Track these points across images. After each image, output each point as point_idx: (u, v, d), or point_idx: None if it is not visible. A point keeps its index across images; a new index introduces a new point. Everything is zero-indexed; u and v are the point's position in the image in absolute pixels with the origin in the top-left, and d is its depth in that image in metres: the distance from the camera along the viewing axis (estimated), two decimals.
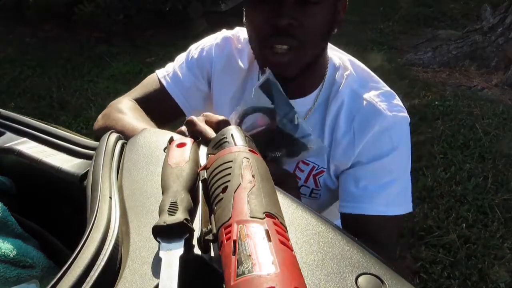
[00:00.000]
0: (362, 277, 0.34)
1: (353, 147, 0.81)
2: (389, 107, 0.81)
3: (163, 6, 3.91)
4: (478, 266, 1.73)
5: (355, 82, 0.84)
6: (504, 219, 1.96)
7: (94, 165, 0.49)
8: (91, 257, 0.34)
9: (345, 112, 0.82)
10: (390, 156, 0.80)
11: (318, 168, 0.86)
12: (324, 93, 0.85)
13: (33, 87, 3.25)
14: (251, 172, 0.36)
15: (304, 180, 0.89)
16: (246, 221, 0.31)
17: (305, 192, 0.91)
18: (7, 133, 0.63)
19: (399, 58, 3.59)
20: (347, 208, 0.82)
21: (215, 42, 0.93)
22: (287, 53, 0.74)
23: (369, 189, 0.81)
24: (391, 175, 0.81)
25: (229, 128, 0.45)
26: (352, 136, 0.81)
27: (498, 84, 3.20)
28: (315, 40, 0.76)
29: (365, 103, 0.81)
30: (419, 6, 4.62)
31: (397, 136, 0.81)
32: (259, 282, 0.25)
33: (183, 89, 0.92)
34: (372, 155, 0.81)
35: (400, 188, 0.83)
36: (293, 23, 0.71)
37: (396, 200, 0.82)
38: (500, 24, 3.46)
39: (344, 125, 0.82)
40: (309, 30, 0.73)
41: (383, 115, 0.80)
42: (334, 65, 0.86)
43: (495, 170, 2.26)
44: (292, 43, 0.73)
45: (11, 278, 0.44)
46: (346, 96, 0.82)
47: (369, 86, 0.84)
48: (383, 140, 0.80)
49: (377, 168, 0.81)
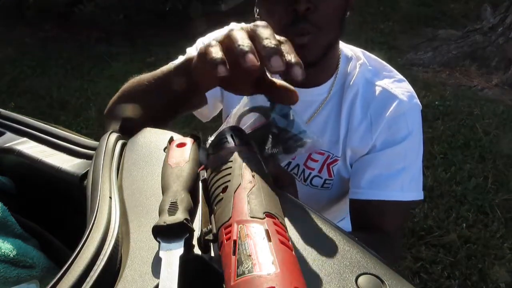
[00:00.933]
0: (362, 277, 0.34)
1: (371, 133, 0.82)
2: (403, 93, 0.82)
3: (163, 6, 3.91)
4: (478, 266, 1.73)
5: (369, 71, 0.85)
6: (504, 219, 1.96)
7: (94, 165, 0.49)
8: (91, 257, 0.34)
9: (360, 100, 0.83)
10: (405, 141, 0.81)
11: (333, 157, 0.87)
12: (338, 82, 0.86)
13: (33, 87, 3.25)
14: (251, 172, 0.36)
15: (319, 170, 0.89)
16: (246, 221, 0.31)
17: (317, 184, 0.91)
18: (7, 133, 0.63)
19: (399, 58, 3.59)
20: (361, 194, 0.82)
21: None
22: (307, 37, 0.74)
23: (384, 175, 0.81)
24: (405, 161, 0.82)
25: (229, 128, 0.45)
26: (369, 122, 0.82)
27: (499, 84, 3.20)
28: (332, 23, 0.77)
29: (379, 90, 0.82)
30: (419, 6, 4.62)
31: (412, 121, 0.82)
32: (259, 282, 0.25)
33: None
34: (388, 141, 0.81)
35: (413, 174, 0.83)
36: (310, 7, 0.72)
37: (410, 186, 0.82)
38: (500, 24, 3.46)
39: (360, 112, 0.83)
40: (326, 13, 0.74)
41: (399, 99, 0.81)
42: (346, 55, 0.87)
43: (495, 170, 2.26)
44: (311, 29, 0.74)
45: (11, 278, 0.43)
46: (361, 85, 0.83)
47: (382, 75, 0.85)
48: (399, 124, 0.81)
49: (392, 154, 0.81)
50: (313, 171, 0.90)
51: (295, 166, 0.92)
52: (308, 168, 0.90)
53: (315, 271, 0.34)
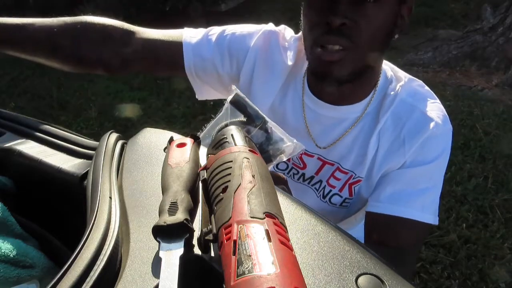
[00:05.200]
0: (362, 277, 0.34)
1: (404, 152, 0.80)
2: (439, 116, 0.80)
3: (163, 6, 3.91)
4: (478, 266, 1.73)
5: (407, 92, 0.82)
6: (504, 219, 1.96)
7: (94, 165, 0.49)
8: (91, 257, 0.34)
9: (394, 121, 0.81)
10: (434, 162, 0.79)
11: (355, 177, 0.85)
12: (374, 102, 0.83)
13: (33, 87, 3.26)
14: (251, 172, 0.36)
15: (340, 188, 0.87)
16: (246, 221, 0.31)
17: (336, 202, 0.89)
18: (7, 133, 0.63)
19: (399, 58, 3.59)
20: (380, 208, 0.80)
21: (258, 34, 0.87)
22: (339, 52, 0.71)
23: (406, 192, 0.79)
24: (430, 182, 0.80)
25: (229, 128, 0.45)
26: (402, 142, 0.80)
27: (499, 84, 3.20)
28: (371, 42, 0.72)
29: (416, 112, 0.80)
30: (419, 6, 4.62)
31: (444, 145, 0.81)
32: (259, 282, 0.25)
33: (198, 57, 0.87)
34: (418, 159, 0.80)
35: (434, 196, 0.82)
36: (347, 23, 0.68)
37: (430, 208, 0.80)
38: (501, 24, 3.46)
39: (393, 133, 0.81)
40: (364, 31, 0.69)
41: (434, 122, 0.79)
42: (386, 75, 0.84)
43: (496, 170, 2.26)
44: (345, 44, 0.70)
45: (11, 278, 0.43)
46: (398, 107, 0.81)
47: (421, 97, 0.82)
48: (431, 145, 0.79)
49: (419, 172, 0.80)
50: (334, 189, 0.88)
51: (317, 182, 0.90)
52: (330, 186, 0.88)
53: (315, 271, 0.34)
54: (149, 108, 2.86)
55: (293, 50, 0.87)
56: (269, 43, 0.87)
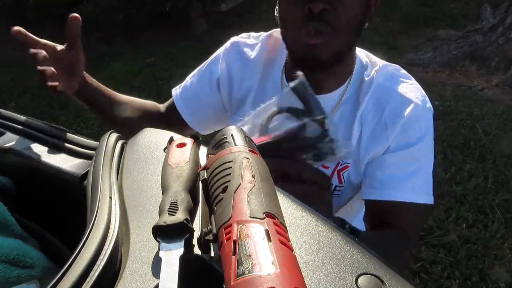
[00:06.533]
0: (362, 277, 0.34)
1: (386, 136, 0.82)
2: (418, 97, 0.82)
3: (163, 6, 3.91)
4: (478, 266, 1.73)
5: (384, 76, 0.85)
6: (504, 219, 1.96)
7: (94, 165, 0.49)
8: (91, 257, 0.34)
9: (375, 105, 0.83)
10: (419, 144, 0.81)
11: (343, 164, 0.87)
12: (351, 89, 0.86)
13: (33, 87, 3.25)
14: (251, 172, 0.36)
15: (329, 176, 0.89)
16: (246, 221, 0.31)
17: None
18: (7, 133, 0.63)
19: (399, 58, 3.59)
20: (374, 194, 0.83)
21: (223, 49, 0.96)
22: (322, 36, 0.75)
23: (396, 176, 0.81)
24: (418, 164, 0.82)
25: (229, 128, 0.45)
26: (384, 126, 0.82)
27: (498, 84, 3.21)
28: (348, 29, 0.77)
29: (394, 94, 0.83)
30: (419, 6, 4.63)
31: (425, 125, 0.83)
32: (259, 282, 0.25)
33: (190, 102, 0.97)
34: (402, 143, 0.82)
35: (425, 177, 0.84)
36: (327, 8, 0.72)
37: (421, 189, 0.83)
38: (500, 24, 3.46)
39: (375, 117, 0.83)
40: (343, 16, 0.74)
41: (414, 103, 0.81)
42: (361, 61, 0.88)
43: (495, 170, 2.26)
44: (326, 29, 0.74)
45: (11, 278, 0.43)
46: (376, 91, 0.83)
47: (399, 80, 0.85)
48: (413, 127, 0.81)
49: (405, 156, 0.82)
50: None
51: None
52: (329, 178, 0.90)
53: (315, 271, 0.35)
54: None
55: (263, 45, 0.93)
56: (234, 51, 0.94)
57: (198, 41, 3.67)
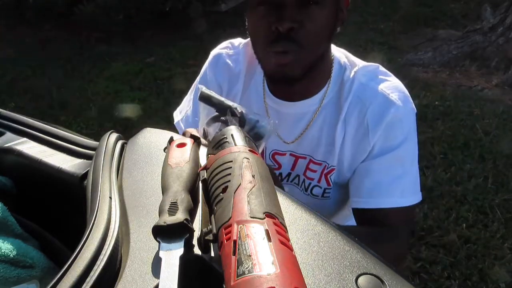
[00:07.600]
0: (362, 277, 0.34)
1: (368, 139, 0.81)
2: (400, 98, 0.82)
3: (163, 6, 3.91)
4: (478, 266, 1.73)
5: (364, 76, 0.84)
6: (504, 219, 1.95)
7: (94, 165, 0.49)
8: (91, 257, 0.34)
9: (356, 107, 0.82)
10: (402, 146, 0.81)
11: (329, 167, 0.87)
12: (331, 91, 0.85)
13: (33, 87, 3.25)
14: (251, 172, 0.36)
15: (318, 180, 0.90)
16: (246, 221, 0.31)
17: (318, 193, 0.91)
18: (7, 133, 0.63)
19: (399, 58, 3.59)
20: (361, 203, 0.82)
21: (207, 65, 0.96)
22: (289, 55, 0.74)
23: (384, 182, 0.81)
24: (404, 167, 0.82)
25: (229, 128, 0.45)
26: (366, 128, 0.82)
27: (499, 84, 3.20)
28: (318, 41, 0.76)
29: (376, 95, 0.82)
30: (419, 6, 4.62)
31: (407, 127, 0.82)
32: (259, 282, 0.25)
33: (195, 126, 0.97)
34: (385, 146, 0.81)
35: (412, 178, 0.84)
36: (294, 27, 0.71)
37: (409, 190, 0.83)
38: (500, 24, 3.46)
39: (357, 118, 0.82)
40: (311, 32, 0.73)
41: (396, 105, 0.80)
42: (340, 63, 0.86)
43: (496, 170, 2.26)
44: (294, 48, 0.73)
45: (11, 278, 0.43)
46: (357, 91, 0.83)
47: (379, 79, 0.84)
48: (395, 131, 0.81)
49: (390, 160, 0.81)
50: (313, 181, 0.90)
51: (295, 177, 0.92)
52: (308, 178, 0.91)
53: (315, 271, 0.34)
54: (149, 108, 2.86)
55: (242, 55, 0.92)
56: (218, 66, 0.93)
57: (198, 41, 3.67)
